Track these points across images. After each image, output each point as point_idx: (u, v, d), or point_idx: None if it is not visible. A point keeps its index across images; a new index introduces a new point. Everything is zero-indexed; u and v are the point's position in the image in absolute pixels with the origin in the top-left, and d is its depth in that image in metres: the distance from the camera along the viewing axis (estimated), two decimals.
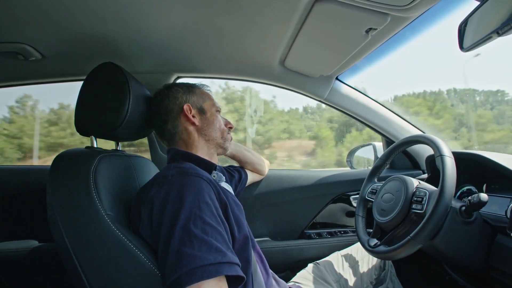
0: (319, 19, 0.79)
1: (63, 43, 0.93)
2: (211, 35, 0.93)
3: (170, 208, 0.57)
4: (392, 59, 1.14)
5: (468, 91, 3.56)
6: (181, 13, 0.81)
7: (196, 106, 0.81)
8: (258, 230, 1.25)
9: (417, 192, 0.79)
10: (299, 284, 0.92)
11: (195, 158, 0.76)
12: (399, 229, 0.81)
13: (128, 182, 0.76)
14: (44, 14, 0.78)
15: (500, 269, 0.72)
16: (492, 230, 0.76)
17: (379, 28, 0.80)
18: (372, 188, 0.99)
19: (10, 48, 0.92)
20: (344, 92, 1.23)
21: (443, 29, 0.95)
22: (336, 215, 1.32)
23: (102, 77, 0.75)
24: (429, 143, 0.80)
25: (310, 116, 4.07)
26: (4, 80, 1.18)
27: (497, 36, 0.54)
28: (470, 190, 0.93)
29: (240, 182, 1.06)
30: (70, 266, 0.60)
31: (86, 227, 0.60)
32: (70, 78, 1.18)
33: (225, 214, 0.63)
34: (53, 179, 0.64)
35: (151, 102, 0.83)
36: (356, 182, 1.27)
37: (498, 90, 3.43)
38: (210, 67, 1.17)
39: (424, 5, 0.68)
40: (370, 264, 1.02)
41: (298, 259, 1.20)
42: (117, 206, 0.65)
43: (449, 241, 0.73)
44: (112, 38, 0.91)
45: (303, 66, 1.13)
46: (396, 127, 1.26)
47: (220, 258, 0.53)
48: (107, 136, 0.80)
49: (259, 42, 0.97)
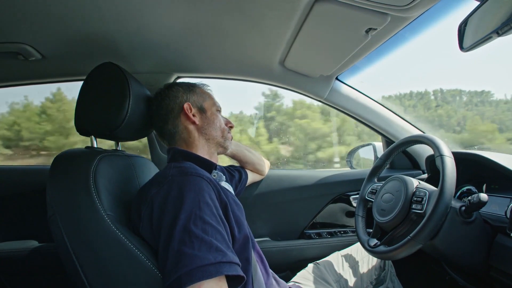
0: (319, 19, 0.79)
1: (63, 43, 0.93)
2: (211, 35, 0.93)
3: (170, 208, 0.57)
4: (392, 59, 1.14)
5: (454, 92, 3.54)
6: (181, 13, 0.81)
7: (197, 105, 0.81)
8: (258, 230, 1.25)
9: (417, 192, 0.79)
10: (299, 284, 0.92)
11: (195, 157, 0.76)
12: (399, 229, 0.81)
13: (128, 182, 0.76)
14: (44, 14, 0.78)
15: (500, 269, 0.72)
16: (492, 230, 0.76)
17: (379, 28, 0.80)
18: (372, 188, 0.99)
19: (10, 48, 0.92)
20: (344, 92, 1.23)
21: (443, 29, 0.95)
22: (336, 215, 1.32)
23: (102, 77, 0.75)
24: (429, 143, 0.80)
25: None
26: (4, 80, 1.18)
27: (497, 36, 0.54)
28: (470, 190, 0.93)
29: (240, 182, 1.06)
30: (70, 266, 0.60)
31: (86, 227, 0.60)
32: (70, 78, 1.18)
33: (225, 214, 0.63)
34: (53, 179, 0.64)
35: (151, 101, 0.83)
36: (356, 182, 1.27)
37: (483, 91, 3.41)
38: (210, 67, 1.17)
39: (424, 5, 0.68)
40: (370, 264, 1.02)
41: (298, 259, 1.20)
42: (117, 206, 0.65)
43: (449, 241, 0.73)
44: (112, 38, 0.91)
45: (303, 66, 1.13)
46: (396, 127, 1.26)
47: (220, 258, 0.53)
48: (107, 136, 0.80)
49: (259, 42, 0.97)
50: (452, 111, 3.47)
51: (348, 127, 3.45)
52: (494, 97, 3.35)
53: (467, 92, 3.54)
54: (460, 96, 3.59)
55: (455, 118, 3.43)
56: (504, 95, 2.72)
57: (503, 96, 3.37)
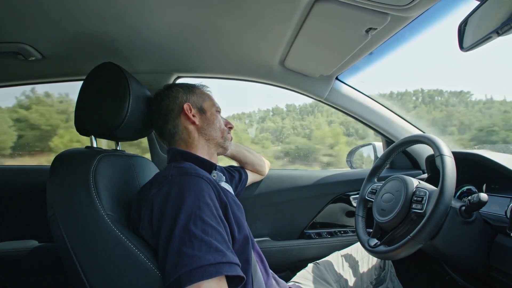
0: (319, 19, 0.79)
1: (63, 43, 0.93)
2: (211, 35, 0.93)
3: (170, 208, 0.57)
4: (392, 59, 1.14)
5: (434, 92, 3.51)
6: (181, 13, 0.81)
7: (196, 106, 0.81)
8: (258, 230, 1.25)
9: (417, 192, 0.79)
10: (299, 284, 0.92)
11: (195, 158, 0.76)
12: (399, 229, 0.81)
13: (128, 182, 0.76)
14: (44, 14, 0.78)
15: (500, 269, 0.72)
16: (492, 230, 0.76)
17: (379, 28, 0.80)
18: (372, 188, 0.99)
19: (10, 48, 0.92)
20: (344, 92, 1.23)
21: (443, 29, 0.95)
22: (336, 215, 1.32)
23: (102, 77, 0.75)
24: (429, 143, 0.80)
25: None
26: (4, 80, 1.18)
27: (497, 36, 0.54)
28: (470, 190, 0.93)
29: (240, 182, 1.06)
30: (70, 266, 0.60)
31: (86, 227, 0.60)
32: (70, 78, 1.18)
33: (225, 214, 0.63)
34: (53, 179, 0.64)
35: (151, 102, 0.83)
36: (356, 182, 1.27)
37: (461, 91, 3.39)
38: (210, 67, 1.17)
39: (424, 5, 0.68)
40: (370, 264, 1.02)
41: (298, 259, 1.20)
42: (117, 206, 0.65)
43: (449, 241, 0.73)
44: (112, 38, 0.91)
45: (303, 66, 1.13)
46: (396, 127, 1.26)
47: (220, 258, 0.53)
48: (107, 136, 0.80)
49: (259, 42, 0.97)
50: (424, 112, 3.46)
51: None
52: (473, 98, 3.33)
53: (448, 92, 3.53)
54: (441, 95, 3.58)
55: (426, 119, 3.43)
56: (485, 95, 2.71)
57: (483, 97, 3.37)
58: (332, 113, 3.62)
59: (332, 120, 3.65)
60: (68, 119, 3.27)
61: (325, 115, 3.68)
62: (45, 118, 3.18)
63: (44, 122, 3.18)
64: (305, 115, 4.13)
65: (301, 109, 3.97)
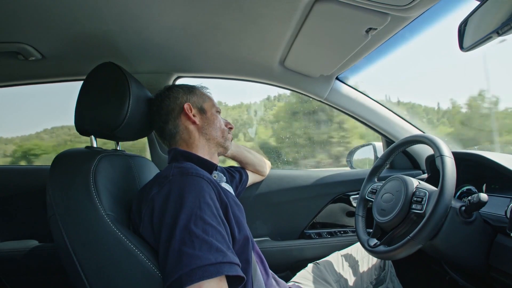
0: (319, 19, 0.79)
1: (63, 43, 0.93)
2: (211, 35, 0.93)
3: (171, 208, 0.57)
4: (392, 59, 1.15)
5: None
6: (181, 13, 0.81)
7: (197, 106, 0.81)
8: (258, 230, 1.25)
9: (417, 192, 0.79)
10: (299, 284, 0.92)
11: (196, 158, 0.76)
12: (399, 229, 0.81)
13: (128, 182, 0.76)
14: (44, 14, 0.78)
15: (500, 269, 0.72)
16: (492, 230, 0.75)
17: (379, 28, 0.80)
18: (372, 188, 0.99)
19: (10, 48, 0.92)
20: (344, 92, 1.23)
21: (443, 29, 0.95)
22: (336, 215, 1.32)
23: (102, 77, 0.75)
24: (429, 143, 0.80)
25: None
26: (4, 80, 1.18)
27: (497, 36, 0.54)
28: (470, 190, 0.93)
29: (241, 183, 1.06)
30: (70, 266, 0.60)
31: (86, 227, 0.60)
32: (70, 78, 1.18)
33: (226, 214, 0.63)
34: (53, 179, 0.64)
35: (151, 102, 0.83)
36: (356, 182, 1.27)
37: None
38: (210, 67, 1.17)
39: (424, 5, 0.68)
40: (370, 264, 1.02)
41: (298, 259, 1.20)
42: (117, 206, 0.65)
43: (449, 241, 0.73)
44: (112, 38, 0.91)
45: (303, 66, 1.13)
46: (396, 127, 1.26)
47: (220, 258, 0.53)
48: (107, 136, 0.80)
49: (259, 42, 0.97)
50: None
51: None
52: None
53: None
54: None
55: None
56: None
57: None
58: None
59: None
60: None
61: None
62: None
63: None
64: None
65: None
